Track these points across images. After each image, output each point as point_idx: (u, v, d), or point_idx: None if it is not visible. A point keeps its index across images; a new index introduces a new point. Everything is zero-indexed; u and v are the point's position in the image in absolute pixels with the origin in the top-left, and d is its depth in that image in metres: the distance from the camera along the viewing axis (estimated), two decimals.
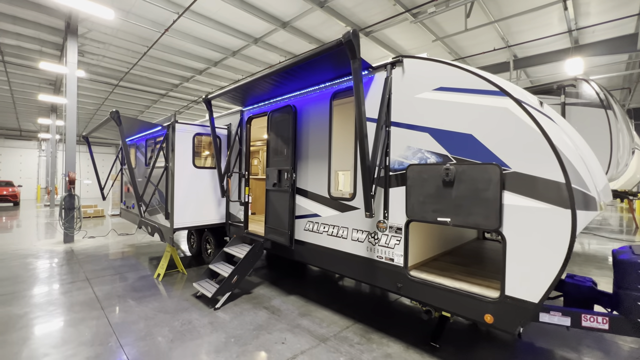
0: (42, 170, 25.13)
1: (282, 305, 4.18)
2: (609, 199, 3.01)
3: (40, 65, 10.09)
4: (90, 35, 9.42)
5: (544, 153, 2.14)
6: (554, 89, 6.46)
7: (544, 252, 2.14)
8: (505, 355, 3.04)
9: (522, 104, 2.26)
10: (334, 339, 3.30)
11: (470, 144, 2.49)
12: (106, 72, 12.43)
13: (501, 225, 2.31)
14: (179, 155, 4.95)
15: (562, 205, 2.07)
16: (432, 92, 2.76)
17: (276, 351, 3.05)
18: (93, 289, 4.68)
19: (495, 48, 9.99)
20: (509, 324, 2.29)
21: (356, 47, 2.55)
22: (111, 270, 5.66)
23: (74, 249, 7.27)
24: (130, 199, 7.35)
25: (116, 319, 3.72)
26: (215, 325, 3.58)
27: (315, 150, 3.87)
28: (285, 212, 4.14)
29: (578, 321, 2.65)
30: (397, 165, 2.98)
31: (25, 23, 8.72)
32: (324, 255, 3.72)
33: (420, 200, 2.75)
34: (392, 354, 3.04)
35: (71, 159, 8.03)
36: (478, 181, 2.40)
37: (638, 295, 2.46)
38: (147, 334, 3.36)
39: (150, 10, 8.07)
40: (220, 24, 8.82)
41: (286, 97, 4.30)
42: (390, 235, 3.04)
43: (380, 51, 10.58)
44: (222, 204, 5.53)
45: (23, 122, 22.06)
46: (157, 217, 5.55)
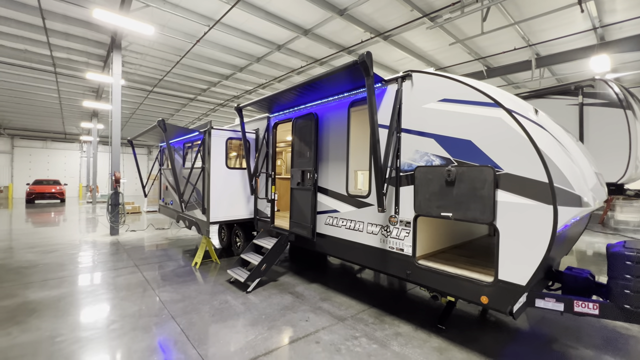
0: (84, 170, 27.25)
1: (305, 291, 4.69)
2: (602, 196, 3.25)
3: (87, 76, 11.23)
4: (131, 47, 10.38)
5: (530, 157, 2.48)
6: (571, 89, 6.51)
7: (530, 241, 2.49)
8: (506, 338, 3.37)
9: (513, 114, 2.60)
10: (350, 319, 3.76)
11: (470, 149, 2.86)
12: (142, 79, 13.51)
13: (495, 219, 2.68)
14: (214, 157, 5.58)
15: (545, 201, 2.41)
16: (437, 102, 3.14)
17: (300, 326, 3.55)
18: (142, 274, 5.41)
19: (515, 47, 9.98)
20: (502, 304, 2.65)
21: (369, 66, 2.99)
22: (154, 258, 6.42)
23: (119, 241, 8.17)
24: (168, 196, 8.15)
25: (164, 297, 4.38)
26: (247, 305, 4.14)
27: (335, 152, 4.34)
28: (308, 208, 4.64)
29: (570, 307, 2.95)
30: (407, 167, 3.39)
31: (75, 39, 9.79)
32: (342, 247, 4.18)
33: (427, 197, 3.14)
34: (402, 333, 3.45)
35: (116, 160, 8.97)
36: (475, 181, 2.77)
37: (625, 283, 2.74)
38: (193, 309, 3.97)
39: (184, 24, 8.83)
40: (247, 34, 9.46)
41: (309, 105, 4.79)
42: (401, 229, 3.45)
43: (399, 54, 10.85)
44: (251, 201, 6.12)
45: (67, 126, 24.07)
46: (194, 212, 6.23)
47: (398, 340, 3.28)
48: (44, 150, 26.27)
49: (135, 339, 3.25)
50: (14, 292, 4.48)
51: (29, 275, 5.26)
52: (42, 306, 4.03)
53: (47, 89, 14.87)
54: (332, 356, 2.97)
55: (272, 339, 3.27)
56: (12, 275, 5.22)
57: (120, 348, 3.07)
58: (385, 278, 5.40)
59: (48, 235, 8.77)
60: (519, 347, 3.19)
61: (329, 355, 2.99)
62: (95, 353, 2.99)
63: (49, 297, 4.34)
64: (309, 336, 3.34)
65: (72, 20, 8.64)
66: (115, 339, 3.25)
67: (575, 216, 2.64)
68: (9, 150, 24.87)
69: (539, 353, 3.09)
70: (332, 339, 3.29)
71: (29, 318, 3.69)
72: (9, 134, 24.67)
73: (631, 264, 2.71)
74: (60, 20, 8.50)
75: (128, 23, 7.27)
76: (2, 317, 3.70)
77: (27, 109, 18.64)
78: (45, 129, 25.29)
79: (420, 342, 3.25)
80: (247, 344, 3.17)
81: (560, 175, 2.47)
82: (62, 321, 3.63)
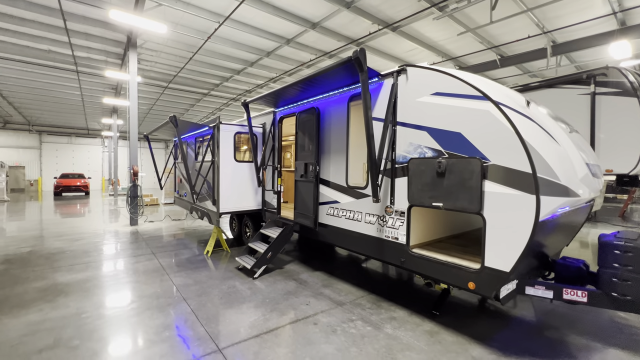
0: (106, 164, 28.50)
1: (308, 278, 4.92)
2: (596, 187, 3.26)
3: (106, 74, 11.74)
4: (146, 45, 10.76)
5: (515, 148, 2.56)
6: (583, 78, 6.32)
7: (514, 230, 2.58)
8: (499, 325, 3.48)
9: (500, 106, 2.68)
10: (349, 304, 3.96)
11: (460, 141, 2.95)
12: (158, 75, 13.97)
13: (482, 209, 2.78)
14: (223, 151, 5.84)
15: (528, 191, 2.50)
16: (430, 96, 3.23)
17: (301, 309, 3.79)
18: (158, 260, 5.79)
19: (529, 35, 9.67)
20: (487, 289, 2.77)
21: (363, 62, 3.11)
22: (170, 247, 6.82)
23: (138, 230, 8.67)
24: (182, 189, 8.55)
25: (178, 281, 4.71)
26: (253, 289, 4.42)
27: (336, 145, 4.49)
28: (310, 199, 4.83)
29: (560, 294, 3.03)
30: (401, 159, 3.51)
31: (94, 38, 10.25)
32: (342, 236, 4.37)
33: (419, 188, 3.26)
34: (396, 317, 3.62)
35: (134, 154, 9.44)
36: (464, 172, 2.87)
37: (613, 272, 2.80)
38: (203, 292, 4.28)
39: (195, 21, 9.09)
40: (256, 29, 9.62)
41: (311, 99, 4.94)
42: (396, 218, 3.59)
43: (409, 44, 10.75)
44: (259, 193, 6.38)
45: (90, 122, 25.17)
46: (205, 204, 6.56)
47: (392, 324, 3.45)
48: (69, 146, 27.62)
49: (151, 317, 3.58)
50: (45, 275, 4.93)
51: (58, 260, 5.75)
52: (69, 287, 4.44)
53: (70, 87, 15.61)
54: (327, 336, 3.18)
55: (273, 319, 3.52)
56: (43, 260, 5.72)
57: (137, 324, 3.40)
58: (387, 267, 5.55)
59: (74, 225, 9.40)
60: (510, 333, 3.30)
61: (325, 335, 3.20)
62: (116, 327, 3.33)
63: (75, 279, 4.77)
64: (308, 318, 3.57)
65: (91, 21, 9.06)
66: (134, 316, 3.59)
67: (562, 206, 2.71)
68: (38, 146, 26.30)
69: (529, 339, 3.19)
70: (330, 321, 3.51)
71: (57, 297, 4.09)
72: (37, 131, 26.07)
73: (619, 253, 2.76)
74: (80, 21, 8.93)
75: (142, 22, 7.58)
76: (35, 296, 4.13)
77: (53, 106, 19.63)
78: (70, 125, 26.54)
79: (413, 326, 3.41)
80: (250, 323, 3.43)
81: (545, 166, 2.54)
82: (87, 300, 4.01)
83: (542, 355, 2.89)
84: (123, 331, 3.26)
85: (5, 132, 24.90)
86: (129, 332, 3.25)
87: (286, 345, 3.01)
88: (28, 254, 6.13)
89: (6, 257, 5.89)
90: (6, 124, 24.72)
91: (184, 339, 3.10)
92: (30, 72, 13.38)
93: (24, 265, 5.45)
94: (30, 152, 25.93)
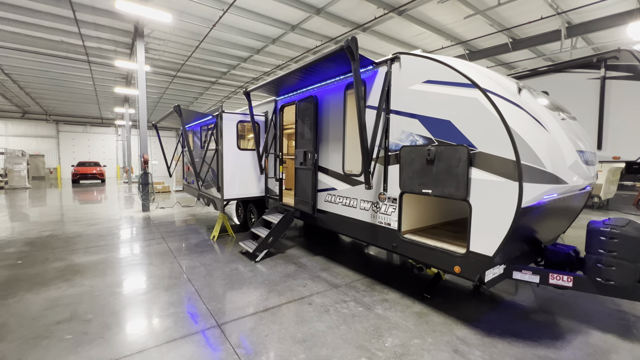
0: (120, 152, 29.29)
1: (308, 262, 5.11)
2: (587, 175, 3.26)
3: (116, 63, 11.99)
4: (153, 35, 10.89)
5: (501, 136, 2.59)
6: (593, 62, 6.10)
7: (498, 216, 2.65)
8: (487, 308, 3.59)
9: (488, 94, 2.69)
10: (344, 287, 4.13)
11: (449, 129, 2.99)
12: (166, 64, 14.13)
13: (468, 195, 2.84)
14: (226, 139, 6.00)
15: (512, 178, 2.54)
16: (421, 84, 3.25)
17: (298, 291, 3.98)
18: (167, 244, 6.09)
19: (542, 17, 9.29)
20: (471, 273, 2.87)
21: (354, 50, 3.15)
22: (178, 232, 7.13)
23: (150, 216, 9.04)
24: (190, 176, 8.81)
25: (185, 264, 4.98)
26: (254, 272, 4.64)
27: (333, 133, 4.57)
28: (309, 186, 4.96)
29: (546, 279, 3.11)
30: (394, 147, 3.57)
31: (103, 28, 10.43)
32: (339, 222, 4.50)
33: (410, 175, 3.33)
34: (388, 299, 3.78)
35: (144, 143, 9.73)
36: (451, 159, 2.92)
37: (598, 257, 2.84)
38: (207, 274, 4.53)
39: (200, 9, 9.12)
40: (260, 15, 9.58)
41: (310, 88, 4.99)
42: (388, 205, 3.69)
43: (417, 29, 10.51)
44: (262, 180, 6.55)
45: (103, 111, 25.79)
46: (211, 191, 6.78)
47: (383, 305, 3.61)
48: (84, 135, 28.46)
49: (157, 295, 3.84)
50: (62, 257, 5.29)
51: (75, 243, 6.12)
52: (85, 268, 4.77)
53: (83, 76, 15.99)
54: (320, 315, 3.37)
55: (270, 299, 3.73)
56: (61, 243, 6.10)
57: (145, 301, 3.67)
58: (385, 253, 5.69)
59: (90, 211, 9.87)
60: (497, 316, 3.41)
61: (318, 314, 3.39)
62: (126, 304, 3.60)
63: (91, 261, 5.10)
64: (303, 299, 3.76)
65: (99, 11, 9.22)
66: (142, 294, 3.86)
67: (548, 192, 2.75)
68: (55, 135, 27.21)
69: (515, 322, 3.29)
70: (324, 301, 3.69)
71: (74, 276, 4.42)
72: (54, 120, 26.92)
73: (604, 239, 2.79)
74: (88, 11, 9.10)
75: (147, 12, 7.68)
76: (54, 275, 4.47)
77: (68, 96, 20.18)
78: (85, 115, 27.28)
79: (403, 308, 3.56)
80: (248, 302, 3.65)
81: (531, 154, 2.57)
82: (101, 279, 4.32)
83: (525, 337, 3.00)
84: (132, 307, 3.54)
85: (24, 121, 25.83)
86: (137, 308, 3.52)
87: (280, 323, 3.21)
88: (48, 238, 6.54)
89: (28, 240, 6.31)
90: (25, 114, 25.61)
91: (187, 315, 3.35)
92: (45, 62, 13.76)
93: (44, 247, 5.84)
94: (49, 141, 26.88)
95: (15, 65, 14.23)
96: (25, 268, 4.74)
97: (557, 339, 2.97)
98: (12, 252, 5.54)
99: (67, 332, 3.00)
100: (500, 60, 13.47)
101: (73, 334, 2.97)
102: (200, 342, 2.86)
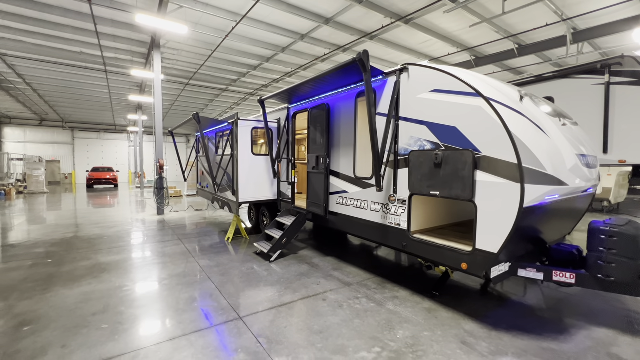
0: (132, 158, 30.01)
1: (320, 262, 5.32)
2: (588, 177, 3.42)
3: (132, 73, 12.49)
4: (168, 45, 11.36)
5: (503, 141, 2.79)
6: (597, 68, 6.24)
7: (502, 215, 2.84)
8: (495, 305, 3.75)
9: (491, 102, 2.91)
10: (356, 285, 4.33)
11: (455, 135, 3.21)
12: (179, 73, 14.63)
13: (474, 197, 3.04)
14: (241, 145, 6.29)
15: (514, 180, 2.74)
16: (429, 93, 3.48)
17: (312, 288, 4.20)
18: (184, 245, 6.38)
19: (547, 23, 9.46)
20: (478, 269, 3.06)
21: (366, 62, 3.40)
22: (194, 234, 7.42)
23: (165, 220, 9.38)
24: (205, 181, 9.13)
25: (202, 263, 5.24)
26: (270, 271, 4.87)
27: (345, 139, 4.81)
28: (321, 189, 5.20)
29: (550, 276, 3.27)
30: (403, 151, 3.79)
31: (121, 40, 10.94)
32: (350, 223, 4.72)
33: (419, 178, 3.55)
34: (399, 296, 3.96)
35: (160, 149, 10.12)
36: (458, 163, 3.13)
37: (599, 255, 3.00)
38: (224, 273, 4.78)
39: (214, 21, 9.54)
40: (271, 26, 9.96)
41: (322, 96, 5.26)
42: (398, 206, 3.90)
43: (423, 36, 10.75)
44: (275, 184, 6.81)
45: (117, 118, 26.55)
46: (226, 194, 7.07)
47: (394, 302, 3.80)
48: (98, 141, 29.30)
49: (181, 291, 4.10)
50: (89, 256, 5.61)
51: (98, 244, 6.45)
52: (111, 266, 5.07)
53: (99, 85, 16.62)
54: (334, 310, 3.57)
55: (286, 295, 3.95)
56: (85, 244, 6.44)
57: (170, 297, 3.93)
58: (394, 253, 5.87)
59: (107, 215, 10.26)
60: (504, 312, 3.57)
61: (332, 309, 3.59)
62: (153, 299, 3.86)
63: (115, 260, 5.40)
64: (317, 295, 3.97)
65: (118, 24, 9.71)
66: (166, 290, 4.12)
67: (550, 194, 2.94)
68: (70, 142, 28.08)
69: (521, 317, 3.45)
70: (337, 298, 3.90)
71: (102, 274, 4.71)
72: (69, 127, 27.81)
73: (605, 238, 2.96)
74: (108, 24, 9.60)
75: (165, 24, 8.09)
76: (84, 273, 4.77)
77: (84, 104, 20.91)
78: (99, 122, 28.12)
79: (413, 304, 3.74)
80: (266, 298, 3.88)
81: (532, 157, 2.77)
82: (126, 277, 4.60)
83: (530, 331, 3.16)
84: (159, 302, 3.79)
85: (42, 129, 26.75)
86: (163, 302, 3.78)
87: (298, 316, 3.42)
88: (72, 239, 6.89)
89: (54, 242, 6.67)
90: (42, 122, 26.54)
91: (210, 309, 3.59)
92: (64, 72, 14.39)
93: (70, 248, 6.17)
94: (64, 148, 27.74)
95: (36, 75, 14.90)
96: (56, 266, 5.06)
97: (561, 334, 3.12)
98: (41, 252, 5.88)
99: (103, 322, 3.27)
100: (507, 65, 13.61)
101: (108, 324, 3.24)
102: (224, 332, 3.09)
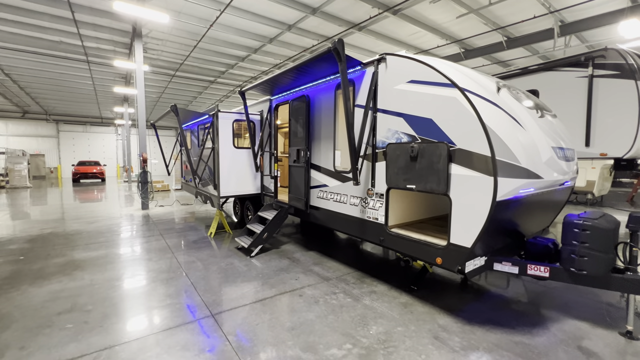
0: (120, 152, 29.44)
1: (301, 257, 5.26)
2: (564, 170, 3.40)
3: (115, 63, 12.12)
4: (151, 35, 11.00)
5: (477, 133, 2.73)
6: (581, 61, 6.22)
7: (475, 209, 2.79)
8: (471, 299, 3.74)
9: (466, 93, 2.83)
10: (335, 280, 4.28)
11: (431, 127, 3.13)
12: (165, 64, 14.25)
13: (448, 190, 2.98)
14: (222, 138, 6.14)
15: (487, 173, 2.68)
16: (406, 84, 3.39)
17: (290, 284, 4.13)
18: (165, 241, 6.25)
19: (535, 15, 9.40)
20: (452, 263, 3.02)
21: (341, 52, 3.28)
22: (177, 229, 7.29)
23: (149, 214, 9.20)
24: (188, 174, 8.96)
25: (181, 259, 5.13)
26: (249, 266, 4.79)
27: (324, 132, 4.70)
28: (302, 183, 5.10)
29: (524, 270, 3.25)
30: (381, 144, 3.71)
31: (102, 29, 10.55)
32: (330, 217, 4.65)
33: (395, 171, 3.48)
34: (376, 291, 3.93)
35: (143, 142, 9.88)
36: (433, 156, 3.06)
37: (572, 248, 2.99)
38: (203, 268, 4.69)
39: (197, 9, 9.24)
40: (257, 15, 9.70)
41: (302, 87, 5.13)
42: (376, 200, 3.83)
43: (412, 28, 10.61)
44: (258, 177, 6.69)
45: (103, 111, 25.91)
46: (208, 188, 6.93)
47: (371, 297, 3.76)
48: (84, 134, 28.61)
49: (155, 288, 4.00)
50: (63, 253, 5.45)
51: (75, 240, 6.28)
52: (85, 263, 4.93)
53: (82, 76, 16.12)
54: (310, 306, 3.52)
55: (263, 292, 3.88)
56: (62, 240, 6.26)
57: (143, 293, 3.82)
58: (377, 248, 5.84)
59: (90, 209, 10.03)
60: (479, 305, 3.56)
61: (308, 305, 3.54)
62: (125, 296, 3.76)
63: (90, 257, 5.26)
64: (294, 291, 3.91)
65: (97, 12, 9.34)
66: (140, 287, 4.02)
67: (524, 187, 2.89)
68: (55, 135, 27.36)
69: (496, 311, 3.44)
70: (314, 293, 3.84)
71: (74, 271, 4.57)
72: (54, 120, 27.06)
73: (578, 231, 2.94)
74: (87, 12, 9.22)
75: (145, 12, 7.80)
76: (55, 270, 4.62)
77: (67, 96, 20.31)
78: (85, 114, 27.40)
79: (390, 299, 3.71)
80: (242, 294, 3.80)
81: (506, 150, 2.71)
82: (100, 274, 4.48)
83: (503, 325, 3.15)
84: (130, 299, 3.69)
85: (25, 121, 25.97)
86: (135, 300, 3.67)
87: (271, 313, 3.36)
88: (49, 235, 6.70)
89: (30, 237, 6.47)
90: (25, 114, 25.75)
91: (182, 306, 3.50)
92: (45, 62, 13.88)
93: (45, 244, 5.99)
94: (49, 141, 27.03)
95: (15, 66, 14.35)
96: (28, 263, 4.90)
97: (535, 327, 3.12)
98: (15, 248, 5.70)
99: (68, 322, 3.16)
100: (496, 58, 13.58)
101: (74, 323, 3.13)
102: (194, 331, 3.01)
